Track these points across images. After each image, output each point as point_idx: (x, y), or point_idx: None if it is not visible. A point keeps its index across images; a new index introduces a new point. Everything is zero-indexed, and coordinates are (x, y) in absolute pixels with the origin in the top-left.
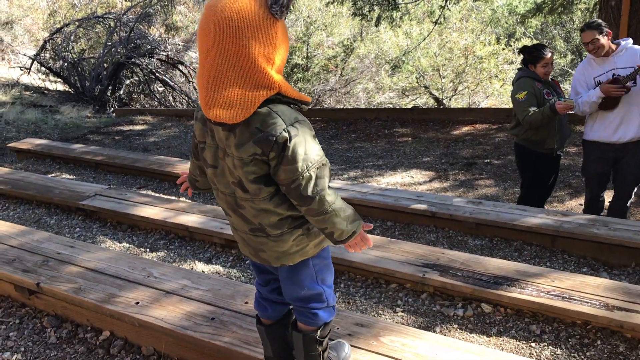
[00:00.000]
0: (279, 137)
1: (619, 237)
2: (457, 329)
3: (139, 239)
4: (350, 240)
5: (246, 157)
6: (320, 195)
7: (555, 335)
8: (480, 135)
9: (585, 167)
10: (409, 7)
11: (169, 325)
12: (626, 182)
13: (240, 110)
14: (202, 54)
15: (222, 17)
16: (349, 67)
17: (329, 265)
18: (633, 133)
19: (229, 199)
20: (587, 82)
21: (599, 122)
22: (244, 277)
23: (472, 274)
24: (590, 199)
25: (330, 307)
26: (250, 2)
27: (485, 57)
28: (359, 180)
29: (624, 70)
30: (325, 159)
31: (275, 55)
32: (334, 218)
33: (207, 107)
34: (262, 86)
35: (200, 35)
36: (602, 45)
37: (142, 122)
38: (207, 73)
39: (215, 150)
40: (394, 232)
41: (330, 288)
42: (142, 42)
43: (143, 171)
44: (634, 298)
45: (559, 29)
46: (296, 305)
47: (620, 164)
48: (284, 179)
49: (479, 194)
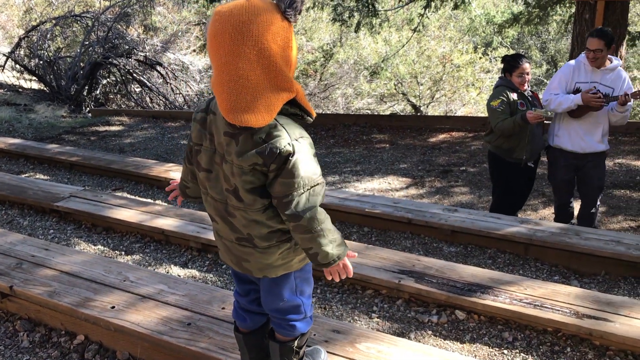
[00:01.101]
0: (283, 150)
1: (589, 247)
2: (432, 336)
3: (114, 241)
4: (332, 265)
5: (246, 166)
6: (311, 213)
7: (527, 342)
8: (456, 143)
9: (551, 174)
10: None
11: (145, 330)
12: (590, 189)
13: (265, 114)
14: (219, 59)
15: (241, 21)
16: (328, 72)
17: (309, 279)
18: (594, 146)
19: (220, 205)
20: (567, 83)
21: (563, 130)
22: (220, 282)
23: (447, 281)
24: (559, 205)
25: (307, 318)
26: (266, 6)
27: (462, 66)
28: (337, 185)
29: (605, 88)
30: (322, 179)
31: (291, 58)
32: (321, 239)
33: (230, 112)
34: (284, 89)
35: (214, 41)
36: (602, 57)
37: (119, 122)
38: (228, 78)
39: (211, 155)
40: (370, 238)
41: (308, 300)
42: (120, 42)
43: (119, 173)
44: (603, 306)
45: (535, 39)
46: (274, 316)
47: (583, 172)
48: (279, 192)
49: (454, 201)
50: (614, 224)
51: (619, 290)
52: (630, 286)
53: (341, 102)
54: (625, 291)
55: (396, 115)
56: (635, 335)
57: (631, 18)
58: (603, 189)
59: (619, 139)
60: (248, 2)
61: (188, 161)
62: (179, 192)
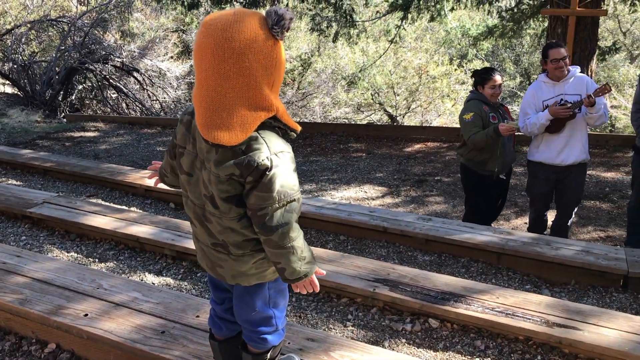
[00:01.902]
0: (261, 164)
1: (560, 256)
2: (405, 344)
3: (88, 249)
4: (299, 281)
5: (223, 176)
6: (284, 229)
7: (498, 350)
8: (431, 153)
9: (529, 186)
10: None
11: (118, 338)
12: (568, 202)
13: (239, 132)
14: (201, 73)
15: (224, 38)
16: (306, 81)
17: (284, 291)
18: (575, 156)
19: (198, 209)
20: (535, 105)
21: (544, 145)
22: (195, 290)
23: (421, 289)
24: (535, 217)
25: (279, 331)
26: (252, 22)
27: (438, 77)
28: (314, 194)
29: (572, 96)
30: (299, 195)
31: (275, 77)
32: (290, 255)
33: (205, 128)
34: (262, 108)
35: (198, 53)
36: (567, 64)
37: (94, 128)
38: (206, 93)
39: (193, 159)
40: (346, 246)
41: (281, 312)
42: (96, 47)
43: (94, 179)
44: (572, 315)
45: (509, 52)
46: (245, 328)
47: (563, 184)
48: (253, 204)
49: (429, 211)
50: (584, 234)
51: (588, 299)
52: (598, 295)
53: (319, 111)
54: (594, 300)
55: (373, 124)
56: (603, 344)
57: (601, 33)
58: (580, 201)
59: (589, 151)
60: (234, 17)
61: (170, 155)
62: (159, 176)
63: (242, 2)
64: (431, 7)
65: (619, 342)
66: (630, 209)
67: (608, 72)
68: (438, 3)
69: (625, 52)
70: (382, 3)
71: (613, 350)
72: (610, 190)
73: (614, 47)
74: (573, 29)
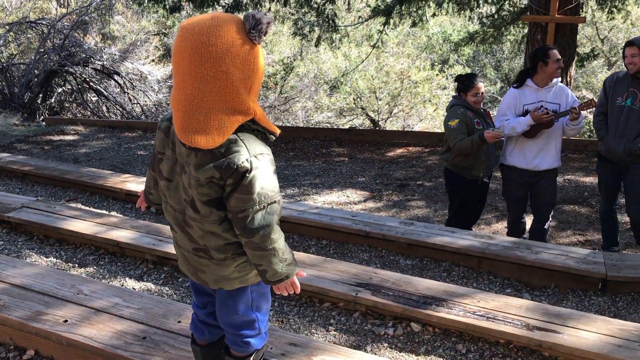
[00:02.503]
0: (241, 166)
1: (540, 260)
2: (387, 348)
3: (67, 254)
4: (280, 283)
5: (203, 179)
6: (265, 231)
7: (479, 354)
8: (413, 158)
9: (505, 190)
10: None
11: (99, 344)
12: (543, 205)
13: (216, 136)
14: (178, 77)
15: (201, 42)
16: (288, 85)
17: (267, 295)
18: (549, 163)
19: (178, 215)
20: (516, 107)
21: (518, 149)
22: (177, 295)
23: (403, 293)
24: (513, 221)
25: (262, 334)
26: (230, 26)
27: (420, 82)
28: (296, 198)
29: (551, 105)
30: (279, 197)
31: (252, 81)
32: (271, 257)
33: (182, 131)
34: (239, 112)
35: (175, 57)
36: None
37: (74, 132)
38: (183, 97)
39: (173, 164)
40: (329, 250)
41: (264, 316)
42: (76, 50)
43: (73, 183)
44: (552, 318)
45: (490, 57)
46: (228, 332)
47: (537, 188)
48: (234, 207)
49: (411, 215)
50: (563, 239)
51: (568, 303)
52: (578, 298)
53: (301, 115)
54: (574, 303)
55: (355, 129)
56: (582, 346)
57: (580, 40)
58: (555, 204)
59: (568, 156)
60: (212, 21)
61: (152, 168)
62: (144, 198)
63: (224, 6)
64: (413, 12)
65: (597, 344)
66: (601, 213)
67: (586, 78)
68: (420, 9)
69: (603, 59)
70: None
71: (592, 353)
72: (589, 195)
73: (593, 54)
74: (552, 36)
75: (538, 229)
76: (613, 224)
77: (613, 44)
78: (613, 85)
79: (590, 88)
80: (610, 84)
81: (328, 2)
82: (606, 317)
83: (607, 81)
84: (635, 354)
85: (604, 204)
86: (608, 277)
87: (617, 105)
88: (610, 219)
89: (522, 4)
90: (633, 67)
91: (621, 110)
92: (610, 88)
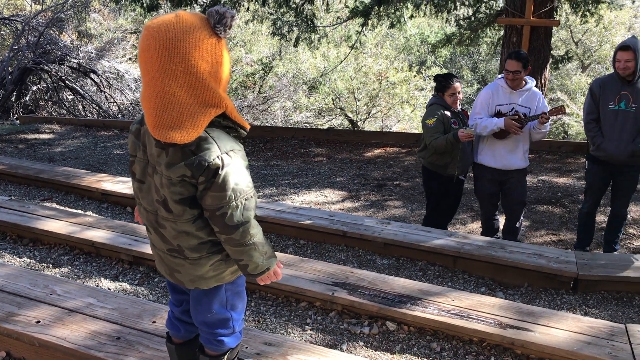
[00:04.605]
0: (212, 163)
1: (513, 260)
2: (363, 347)
3: (41, 254)
4: (262, 275)
5: (174, 178)
6: (244, 227)
7: (454, 352)
8: (390, 158)
9: (477, 188)
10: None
11: (72, 345)
12: (513, 203)
13: (191, 130)
14: (147, 75)
15: (167, 38)
16: (267, 85)
17: (241, 293)
18: (517, 164)
19: (151, 216)
20: (489, 107)
21: (488, 149)
22: (152, 295)
23: (379, 292)
24: (485, 219)
25: (236, 333)
26: (194, 21)
27: (397, 83)
28: (274, 198)
29: (522, 108)
30: (254, 191)
31: (221, 75)
32: (252, 251)
33: (155, 128)
34: (211, 105)
35: (143, 55)
36: (520, 78)
37: (49, 130)
38: (154, 94)
39: (144, 166)
40: (306, 250)
41: (239, 315)
42: (52, 47)
43: (48, 183)
44: (524, 317)
45: (467, 59)
46: (202, 330)
47: (506, 187)
48: (210, 205)
49: (388, 215)
50: (536, 238)
51: (540, 301)
52: (550, 297)
53: (280, 115)
54: (546, 302)
55: (333, 129)
56: (553, 344)
57: (555, 43)
58: (525, 203)
59: (542, 157)
60: (177, 18)
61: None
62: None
63: (202, 5)
64: (391, 14)
65: (567, 342)
66: (581, 214)
67: (561, 80)
68: (398, 10)
69: (577, 61)
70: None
71: (562, 350)
72: (562, 195)
73: (567, 56)
74: (528, 38)
75: (511, 227)
76: (591, 225)
77: (587, 47)
78: (602, 91)
79: (565, 90)
80: (598, 90)
81: (307, 3)
82: (577, 315)
83: (594, 87)
84: (603, 350)
85: (589, 206)
86: (579, 276)
87: (611, 110)
88: (589, 221)
89: (498, 6)
90: (626, 71)
91: (615, 114)
92: (600, 94)
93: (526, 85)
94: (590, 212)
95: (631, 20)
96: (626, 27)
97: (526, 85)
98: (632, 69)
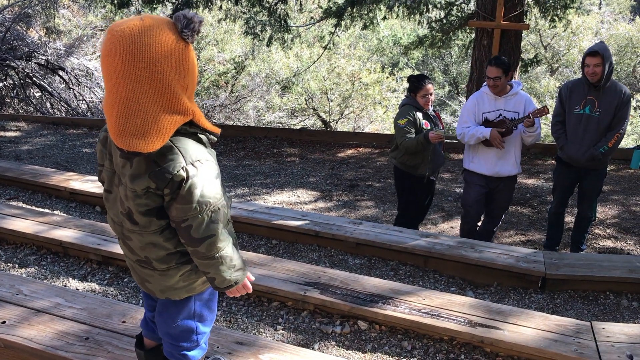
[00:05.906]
0: (176, 175)
1: (483, 259)
2: (335, 346)
3: (7, 254)
4: (230, 289)
5: (139, 190)
6: (210, 240)
7: (424, 350)
8: (363, 159)
9: (465, 194)
10: (300, 30)
11: (38, 346)
12: (498, 209)
13: (156, 139)
14: (110, 81)
15: (132, 42)
16: (239, 84)
17: (211, 306)
18: (508, 171)
19: (117, 227)
20: (475, 115)
21: (479, 157)
22: (122, 295)
23: (351, 292)
24: (468, 229)
25: (200, 345)
26: (160, 26)
27: (370, 84)
28: (247, 198)
29: (510, 113)
30: (222, 202)
31: (188, 81)
32: (219, 265)
33: (118, 135)
34: (177, 112)
35: (106, 61)
36: (502, 84)
37: (15, 128)
38: (118, 101)
39: (111, 175)
40: (278, 250)
41: (206, 327)
42: (19, 43)
43: (14, 181)
44: (494, 315)
45: (439, 61)
46: (166, 342)
47: (495, 193)
48: (175, 217)
49: (360, 215)
50: (506, 238)
51: (509, 300)
52: (519, 296)
53: (252, 115)
54: (515, 301)
55: (306, 130)
56: (521, 342)
57: (524, 46)
58: (508, 208)
59: None
60: (142, 22)
61: None
62: None
63: (174, 3)
64: (364, 15)
65: (535, 339)
66: (550, 215)
67: (530, 84)
68: (371, 11)
69: (546, 65)
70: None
71: (530, 348)
72: (531, 196)
73: (536, 60)
74: (498, 41)
75: (487, 230)
76: (560, 225)
77: (555, 51)
78: (569, 95)
79: (534, 93)
80: (566, 93)
81: (280, 2)
82: (544, 314)
83: (562, 90)
84: (570, 347)
85: (556, 206)
86: (547, 276)
87: (575, 114)
88: (558, 221)
89: (469, 9)
90: (594, 77)
91: (579, 118)
92: (567, 97)
93: (512, 89)
94: (557, 212)
95: (598, 25)
96: (593, 32)
97: (512, 89)
98: (600, 74)
